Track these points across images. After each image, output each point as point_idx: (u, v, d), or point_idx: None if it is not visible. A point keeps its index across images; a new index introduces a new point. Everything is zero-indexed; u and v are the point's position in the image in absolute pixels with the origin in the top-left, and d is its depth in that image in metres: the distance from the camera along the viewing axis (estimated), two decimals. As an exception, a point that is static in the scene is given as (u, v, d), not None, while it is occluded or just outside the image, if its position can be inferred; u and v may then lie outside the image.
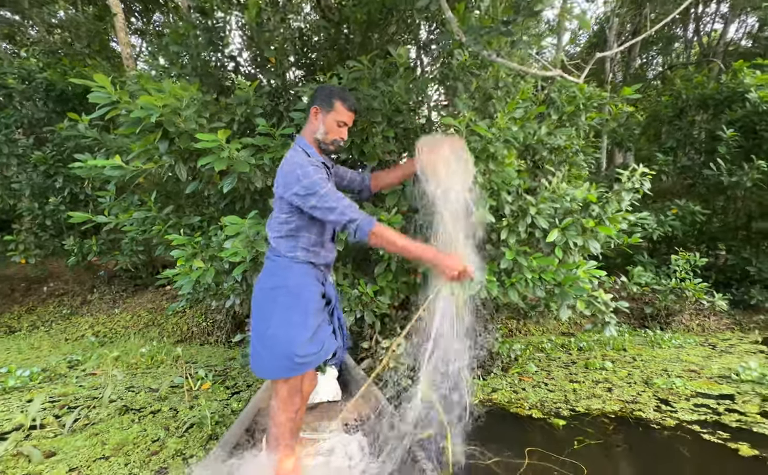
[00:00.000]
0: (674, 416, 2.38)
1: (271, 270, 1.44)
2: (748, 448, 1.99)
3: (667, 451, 2.03)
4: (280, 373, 1.38)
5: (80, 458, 1.89)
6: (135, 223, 3.09)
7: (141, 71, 2.60)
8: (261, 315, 1.42)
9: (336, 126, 1.46)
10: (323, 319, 1.47)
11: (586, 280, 2.53)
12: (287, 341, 1.36)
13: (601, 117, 3.38)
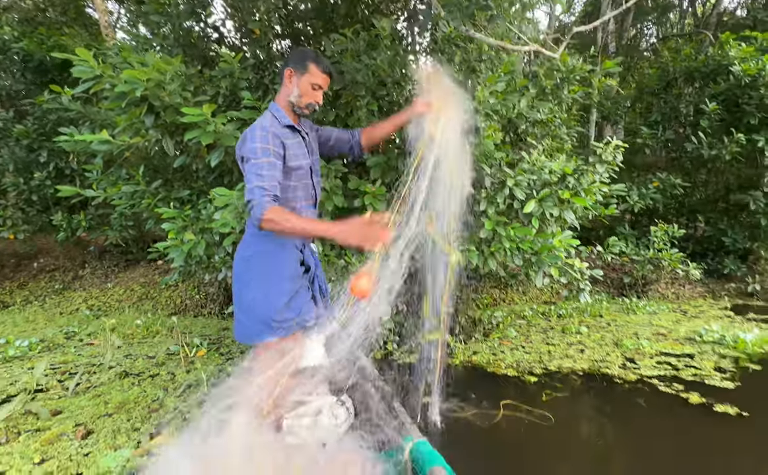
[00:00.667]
0: (637, 372, 2.60)
1: (248, 239, 1.47)
2: (697, 397, 2.22)
3: (626, 401, 2.25)
4: (258, 336, 1.42)
5: (85, 416, 2.04)
6: (124, 198, 3.13)
7: (122, 42, 2.58)
8: (240, 282, 1.45)
9: (310, 89, 1.44)
10: (301, 285, 1.49)
11: (562, 249, 2.69)
12: (264, 305, 1.39)
13: (584, 90, 3.45)
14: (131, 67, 2.02)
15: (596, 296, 4.90)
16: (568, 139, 3.37)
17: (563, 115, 3.34)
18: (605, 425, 2.09)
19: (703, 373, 2.54)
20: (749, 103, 4.71)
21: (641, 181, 5.35)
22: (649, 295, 5.03)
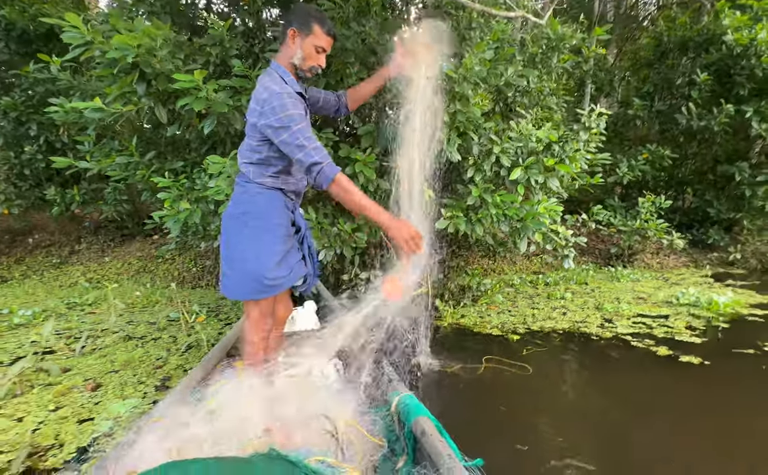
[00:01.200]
0: (613, 330, 2.78)
1: (240, 196, 1.44)
2: (665, 349, 2.40)
3: (600, 354, 2.43)
4: (250, 295, 1.42)
5: (93, 372, 2.18)
6: (117, 169, 3.18)
7: (110, 8, 2.57)
8: (230, 240, 1.44)
9: (314, 52, 1.39)
10: (292, 245, 1.49)
11: (546, 216, 2.80)
12: (256, 263, 1.38)
13: (574, 59, 3.48)
14: (120, 34, 2.04)
15: (583, 266, 5.07)
16: (558, 110, 3.42)
17: (552, 84, 3.38)
18: (577, 374, 2.27)
19: (674, 331, 2.72)
20: (740, 74, 4.76)
21: (631, 153, 5.43)
22: (635, 264, 5.21)
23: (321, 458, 1.09)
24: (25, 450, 1.48)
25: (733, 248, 5.19)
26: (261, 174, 1.40)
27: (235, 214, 1.44)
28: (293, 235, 1.53)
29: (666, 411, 1.87)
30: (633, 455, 1.55)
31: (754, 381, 2.08)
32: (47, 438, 1.60)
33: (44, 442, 1.57)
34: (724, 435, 1.66)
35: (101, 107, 2.29)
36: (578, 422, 1.81)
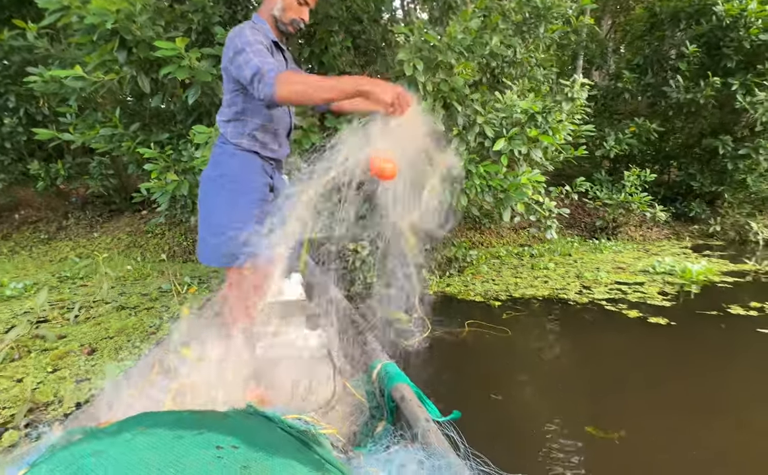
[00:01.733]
0: (590, 296, 2.92)
1: (216, 158, 1.41)
2: (636, 312, 2.55)
3: (575, 317, 2.58)
4: (225, 261, 1.39)
5: (88, 338, 2.26)
6: (102, 141, 3.16)
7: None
8: (205, 204, 1.41)
9: (296, 3, 1.35)
10: (270, 211, 1.43)
11: (529, 186, 2.88)
12: (230, 228, 1.34)
13: (562, 29, 3.47)
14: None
15: (569, 239, 5.22)
16: (544, 81, 3.44)
17: (540, 55, 3.39)
18: (553, 335, 2.41)
19: (647, 296, 2.88)
20: (729, 46, 4.78)
21: (620, 126, 5.49)
22: (619, 237, 5.37)
23: (297, 416, 1.08)
24: (26, 405, 1.58)
25: (714, 220, 5.36)
26: (239, 134, 1.35)
27: (212, 177, 1.39)
28: (272, 202, 1.45)
29: (633, 365, 2.02)
30: (600, 403, 1.69)
31: (714, 337, 2.24)
32: (47, 396, 1.69)
33: (44, 399, 1.66)
34: (684, 384, 1.82)
35: (82, 76, 2.27)
36: (550, 377, 1.96)
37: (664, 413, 1.62)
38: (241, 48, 1.19)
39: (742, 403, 1.67)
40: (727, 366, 1.98)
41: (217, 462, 0.56)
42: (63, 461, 0.56)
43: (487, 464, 0.83)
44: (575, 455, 1.35)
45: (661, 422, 1.54)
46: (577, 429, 1.47)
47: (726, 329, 2.31)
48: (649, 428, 1.49)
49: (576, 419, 1.54)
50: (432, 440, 0.90)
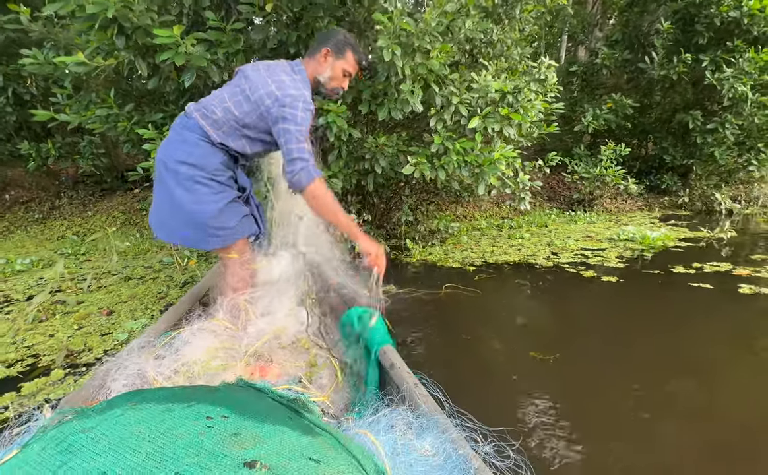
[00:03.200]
0: (556, 260, 3.30)
1: (176, 144, 1.45)
2: (591, 273, 2.93)
3: (539, 278, 2.95)
4: (203, 244, 1.48)
5: (104, 303, 2.56)
6: (97, 122, 3.34)
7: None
8: (164, 187, 1.44)
9: (341, 75, 1.50)
10: (234, 197, 1.50)
11: (503, 161, 3.19)
12: (198, 210, 1.40)
13: (538, 9, 3.70)
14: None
15: (547, 211, 5.58)
16: (520, 61, 3.69)
17: (516, 35, 3.63)
18: (517, 293, 2.78)
19: (605, 260, 3.26)
20: (702, 22, 5.04)
21: (598, 102, 5.78)
22: (595, 209, 5.75)
23: (288, 386, 1.13)
24: (64, 351, 1.89)
25: (683, 192, 5.77)
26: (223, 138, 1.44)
27: (167, 164, 1.43)
28: (235, 191, 1.53)
29: (578, 310, 2.41)
30: (543, 337, 2.07)
31: (651, 290, 2.64)
32: (78, 346, 2.00)
33: (76, 348, 1.97)
34: (617, 321, 2.20)
35: (84, 62, 2.46)
36: (509, 322, 2.33)
37: (592, 341, 2.00)
38: (299, 122, 1.34)
39: (656, 333, 2.06)
40: (657, 309, 2.38)
41: (207, 432, 0.56)
42: (53, 439, 0.56)
43: (471, 420, 0.88)
44: (520, 371, 1.72)
45: (588, 347, 1.93)
46: (524, 355, 1.84)
47: (662, 283, 2.70)
48: (577, 351, 1.88)
49: (523, 348, 1.91)
50: (420, 402, 0.93)
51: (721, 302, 2.35)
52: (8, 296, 2.78)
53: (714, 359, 1.74)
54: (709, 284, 2.60)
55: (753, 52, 4.69)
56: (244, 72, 1.49)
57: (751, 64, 4.68)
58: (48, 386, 1.64)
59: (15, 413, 0.94)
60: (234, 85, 1.49)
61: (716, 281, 2.67)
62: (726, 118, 5.17)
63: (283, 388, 1.03)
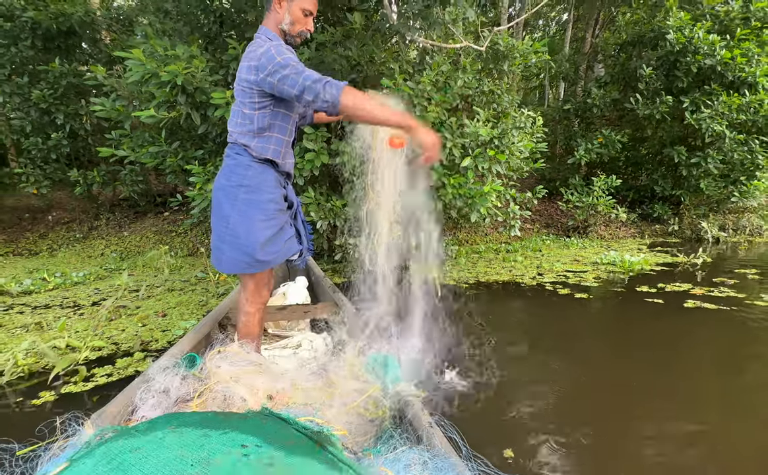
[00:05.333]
0: (540, 280, 3.84)
1: (231, 168, 1.46)
2: (566, 291, 3.47)
3: (521, 294, 3.49)
4: (240, 269, 1.47)
5: (158, 307, 3.19)
6: (150, 157, 4.10)
7: (149, 34, 3.40)
8: (221, 213, 1.47)
9: (302, 15, 1.45)
10: (285, 220, 1.54)
11: (492, 194, 3.81)
12: (247, 238, 1.43)
13: (525, 62, 4.41)
14: (158, 52, 2.93)
15: (543, 237, 6.13)
16: (510, 107, 4.37)
17: (506, 85, 4.32)
18: (500, 305, 3.32)
19: (583, 280, 3.80)
20: (680, 69, 5.70)
21: (590, 136, 6.42)
22: (589, 235, 6.29)
23: (310, 418, 1.16)
24: (138, 341, 2.50)
25: (673, 220, 6.27)
26: (263, 148, 1.46)
27: (226, 186, 1.46)
28: (286, 211, 1.57)
29: (550, 319, 2.94)
30: (515, 338, 2.60)
31: (611, 305, 3.17)
32: (147, 337, 2.61)
33: (146, 339, 2.59)
34: (577, 327, 2.73)
35: (153, 115, 3.20)
36: (488, 325, 2.87)
37: (542, 342, 2.53)
38: (285, 63, 1.29)
39: (599, 336, 2.58)
40: (608, 319, 2.92)
41: (244, 460, 0.60)
42: (103, 457, 0.60)
43: (487, 465, 0.90)
44: (496, 363, 2.26)
45: (538, 346, 2.46)
46: (499, 351, 2.38)
47: (622, 299, 3.23)
48: (525, 349, 2.41)
49: (498, 345, 2.45)
50: (436, 442, 0.96)
51: (665, 314, 2.87)
52: (76, 301, 3.44)
53: (642, 359, 2.26)
54: (662, 300, 3.12)
55: (725, 95, 5.31)
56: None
57: (724, 106, 5.29)
58: (135, 363, 2.24)
59: (60, 421, 1.03)
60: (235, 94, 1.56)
61: (670, 298, 3.18)
62: (708, 154, 5.73)
63: (305, 419, 1.06)
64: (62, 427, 0.97)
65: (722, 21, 5.82)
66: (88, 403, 1.88)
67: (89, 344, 2.41)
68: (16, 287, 3.83)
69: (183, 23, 3.83)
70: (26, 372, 2.16)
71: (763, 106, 5.34)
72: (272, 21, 1.46)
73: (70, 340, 2.46)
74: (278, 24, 1.46)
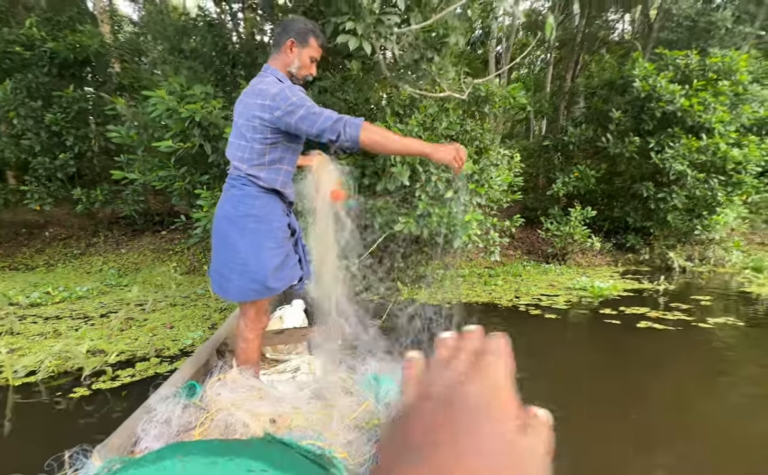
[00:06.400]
0: (516, 302, 4.28)
1: (238, 198, 1.50)
2: (538, 312, 3.91)
3: (497, 314, 3.92)
4: (249, 296, 1.52)
5: (164, 320, 3.52)
6: (158, 180, 4.49)
7: (170, 78, 3.88)
8: (226, 241, 1.51)
9: (308, 61, 1.55)
10: (290, 247, 1.62)
11: (473, 223, 4.28)
12: (257, 266, 1.48)
13: (504, 105, 5.00)
14: (175, 88, 3.38)
15: (524, 263, 6.63)
16: (491, 143, 4.92)
17: (487, 125, 4.89)
18: (477, 323, 3.73)
19: (554, 303, 4.25)
20: (646, 113, 6.40)
21: (568, 170, 7.04)
22: (567, 262, 6.79)
23: (312, 442, 1.18)
24: (153, 347, 2.84)
25: (644, 249, 6.85)
26: (273, 179, 1.52)
27: (233, 217, 1.51)
28: (290, 238, 1.65)
29: (524, 338, 3.36)
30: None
31: (575, 324, 3.62)
32: (159, 345, 2.95)
33: (158, 346, 2.92)
34: (542, 340, 3.15)
35: (171, 145, 3.63)
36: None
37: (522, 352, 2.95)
38: (301, 103, 1.40)
39: (559, 347, 3.01)
40: (570, 335, 3.36)
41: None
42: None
43: None
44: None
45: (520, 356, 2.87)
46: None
47: (585, 319, 3.69)
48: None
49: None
50: None
51: (619, 332, 3.33)
52: (85, 313, 3.75)
53: (593, 364, 2.69)
54: (619, 321, 3.58)
55: (685, 138, 5.99)
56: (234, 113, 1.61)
57: (685, 148, 5.95)
58: (152, 366, 2.58)
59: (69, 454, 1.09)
60: (234, 129, 1.60)
61: (626, 319, 3.65)
62: (673, 190, 6.37)
63: (308, 442, 1.07)
64: (70, 461, 1.02)
65: (683, 71, 6.58)
66: (117, 398, 2.21)
67: (115, 348, 2.74)
68: (24, 300, 4.11)
69: (199, 62, 4.32)
70: (55, 372, 2.48)
71: (720, 149, 6.02)
72: (281, 63, 1.55)
73: (95, 344, 2.79)
74: (287, 66, 1.55)
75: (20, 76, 5.54)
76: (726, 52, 6.51)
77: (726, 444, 1.88)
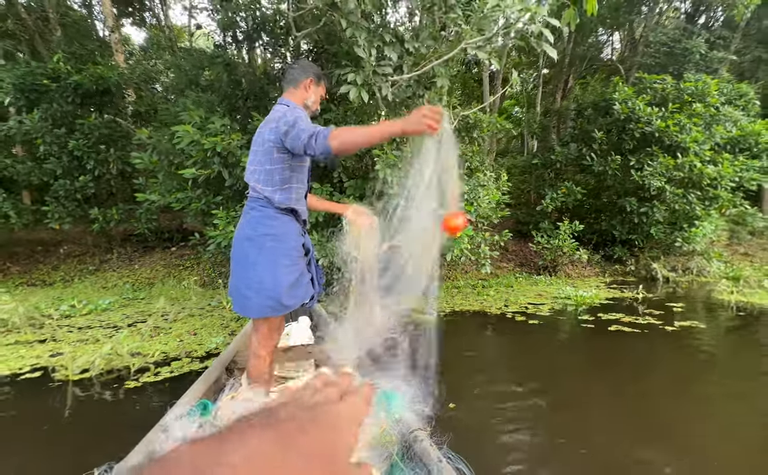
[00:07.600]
0: (505, 310, 4.78)
1: (258, 220, 1.63)
2: (523, 318, 4.41)
3: (486, 321, 4.42)
4: (266, 313, 1.60)
5: (187, 328, 4.01)
6: (177, 202, 5.03)
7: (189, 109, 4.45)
8: (245, 260, 1.62)
9: (318, 99, 1.80)
10: (304, 266, 1.71)
11: (464, 237, 4.82)
12: (273, 284, 1.57)
13: (492, 130, 5.59)
14: (194, 119, 3.93)
15: (516, 274, 7.14)
16: (480, 164, 5.49)
17: (476, 148, 5.47)
18: (467, 328, 4.23)
19: (539, 310, 4.76)
20: (627, 133, 7.01)
21: (556, 186, 7.61)
22: (558, 274, 7.31)
23: None
24: (183, 350, 3.33)
25: (630, 261, 7.37)
26: (287, 199, 1.65)
27: (253, 236, 1.63)
28: (304, 257, 1.74)
29: (508, 342, 3.85)
30: (476, 351, 3.49)
31: (554, 327, 4.11)
32: (188, 348, 3.43)
33: (188, 349, 3.41)
34: (522, 342, 3.64)
35: (193, 172, 4.18)
36: (455, 343, 3.77)
37: (505, 352, 3.44)
38: (294, 123, 1.52)
39: (541, 347, 3.50)
40: (549, 337, 3.85)
41: None
42: None
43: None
44: (458, 375, 3.14)
45: (494, 363, 3.36)
46: (457, 358, 3.27)
47: (564, 323, 4.18)
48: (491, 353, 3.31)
49: (458, 357, 3.34)
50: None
51: (590, 334, 3.83)
52: (114, 323, 4.23)
53: (564, 364, 3.18)
54: (593, 325, 4.08)
55: (662, 157, 6.58)
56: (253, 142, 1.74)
57: (662, 166, 6.54)
58: (186, 365, 3.06)
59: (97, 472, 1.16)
60: (251, 155, 1.72)
61: (600, 323, 4.15)
62: (655, 204, 6.93)
63: None
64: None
65: (661, 94, 7.22)
66: (162, 389, 2.70)
67: (151, 349, 3.24)
68: (55, 312, 4.61)
69: (214, 95, 4.91)
70: (104, 370, 2.97)
71: (696, 166, 6.61)
72: (299, 97, 1.73)
73: (131, 348, 3.28)
74: (303, 100, 1.74)
75: (46, 105, 6.13)
76: (699, 76, 7.16)
77: (669, 432, 2.37)
